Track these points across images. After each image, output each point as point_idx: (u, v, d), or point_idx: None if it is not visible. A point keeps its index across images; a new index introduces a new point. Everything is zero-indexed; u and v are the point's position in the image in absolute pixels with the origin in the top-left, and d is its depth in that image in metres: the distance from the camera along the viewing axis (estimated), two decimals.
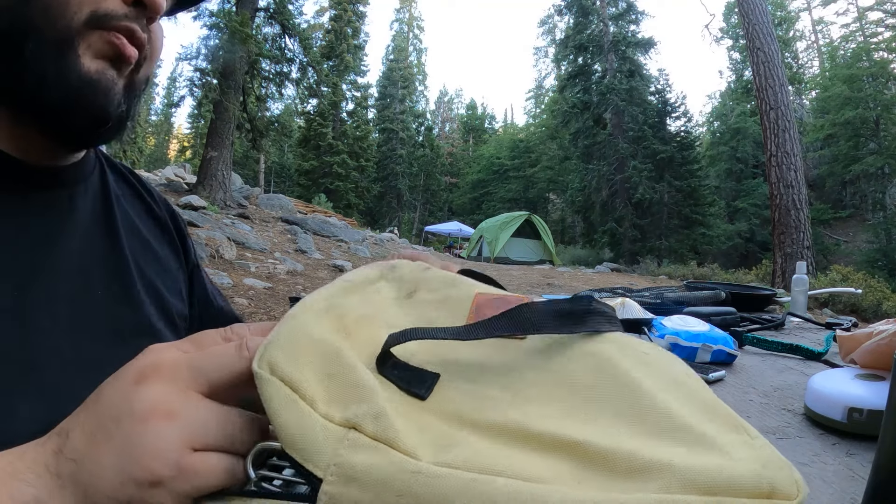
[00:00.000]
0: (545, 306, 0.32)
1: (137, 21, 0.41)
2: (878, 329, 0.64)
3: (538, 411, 0.27)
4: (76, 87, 0.38)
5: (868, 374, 0.61)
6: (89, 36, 0.39)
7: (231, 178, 9.61)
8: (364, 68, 26.18)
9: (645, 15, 19.75)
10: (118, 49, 0.40)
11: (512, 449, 0.24)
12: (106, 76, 0.40)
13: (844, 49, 18.68)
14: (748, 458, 0.23)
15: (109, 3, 0.39)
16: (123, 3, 0.40)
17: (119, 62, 0.41)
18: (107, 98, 0.40)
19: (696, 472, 0.21)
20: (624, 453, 0.23)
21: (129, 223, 0.51)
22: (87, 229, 0.46)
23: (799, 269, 1.38)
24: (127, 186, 0.55)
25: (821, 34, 22.45)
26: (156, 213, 0.56)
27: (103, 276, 0.46)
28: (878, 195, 16.55)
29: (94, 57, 0.39)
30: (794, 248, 7.66)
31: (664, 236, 17.13)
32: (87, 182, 0.48)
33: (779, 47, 8.82)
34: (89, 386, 0.27)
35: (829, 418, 0.57)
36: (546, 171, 25.34)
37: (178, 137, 30.37)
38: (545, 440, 0.25)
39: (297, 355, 0.25)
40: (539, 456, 0.24)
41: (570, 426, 0.25)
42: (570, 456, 0.24)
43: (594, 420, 0.26)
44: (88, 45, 0.39)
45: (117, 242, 0.48)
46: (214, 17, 8.33)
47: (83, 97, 0.39)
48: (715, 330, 0.86)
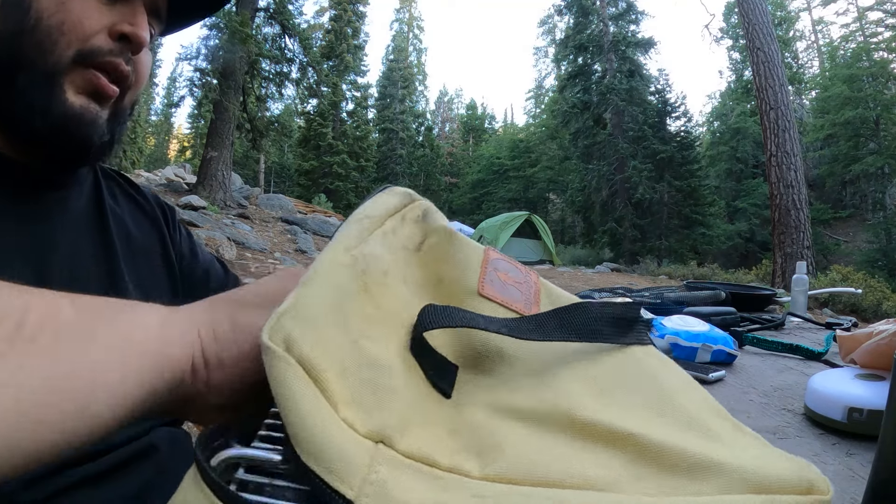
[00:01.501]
0: (602, 310, 0.29)
1: (122, 55, 0.44)
2: (878, 329, 0.64)
3: (578, 400, 0.24)
4: (61, 119, 0.42)
5: (868, 374, 0.61)
6: (74, 73, 0.42)
7: (231, 178, 9.60)
8: (364, 68, 26.16)
9: (645, 15, 19.74)
10: (98, 87, 0.43)
11: (557, 442, 0.22)
12: (89, 110, 0.43)
13: (844, 49, 18.67)
14: (778, 457, 0.23)
15: (96, 40, 0.42)
16: (109, 39, 0.43)
17: (100, 97, 0.44)
18: (90, 129, 0.43)
19: (746, 471, 0.21)
20: (677, 449, 0.22)
21: (119, 221, 0.53)
22: (80, 228, 0.49)
23: (799, 269, 1.38)
24: (118, 188, 0.58)
25: (821, 34, 22.45)
26: (146, 209, 0.59)
27: (94, 272, 0.48)
28: (878, 195, 16.55)
29: (77, 92, 0.42)
30: (794, 248, 7.65)
31: (664, 236, 17.13)
32: (82, 185, 0.51)
33: (779, 47, 8.82)
34: None
35: (829, 418, 0.57)
36: (546, 171, 25.32)
37: (178, 137, 30.37)
38: (595, 431, 0.23)
39: (318, 334, 0.21)
40: (590, 451, 0.22)
41: (615, 416, 0.24)
42: (622, 450, 0.22)
43: (633, 412, 0.24)
44: (72, 81, 0.42)
45: (108, 239, 0.50)
46: (214, 17, 8.32)
47: (67, 129, 0.42)
48: (715, 330, 0.86)
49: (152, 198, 0.61)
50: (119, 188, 0.57)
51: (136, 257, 0.53)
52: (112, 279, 0.49)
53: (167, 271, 0.57)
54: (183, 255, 0.60)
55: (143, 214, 0.58)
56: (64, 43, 0.41)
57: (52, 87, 0.41)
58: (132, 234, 0.54)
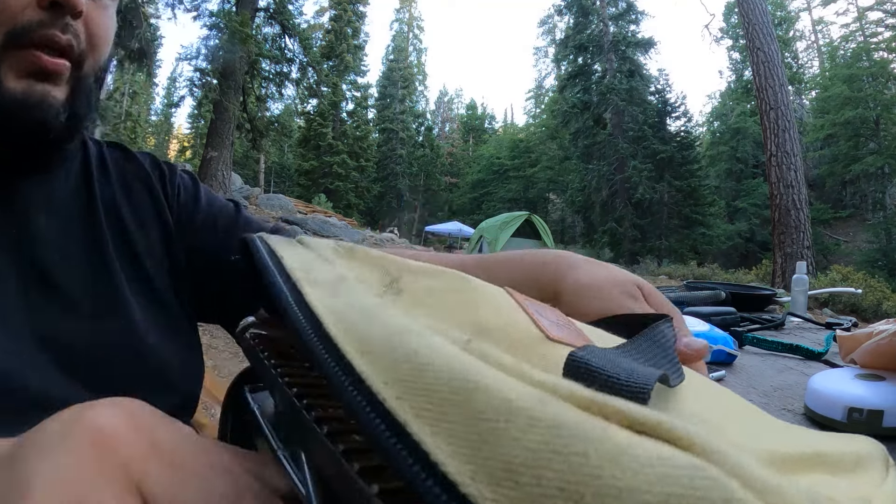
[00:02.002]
0: (664, 326, 0.27)
1: (57, 24, 0.40)
2: (878, 329, 0.64)
3: (738, 438, 0.23)
4: (8, 109, 0.39)
5: (868, 374, 0.61)
6: (9, 57, 0.38)
7: (231, 178, 9.61)
8: (364, 68, 26.18)
9: (645, 15, 19.76)
10: (38, 65, 0.39)
11: (789, 473, 0.21)
12: (33, 92, 0.40)
13: (844, 49, 18.68)
14: (849, 438, 0.26)
15: (24, 16, 0.38)
16: (39, 9, 0.39)
17: (44, 75, 0.40)
18: (40, 111, 0.40)
19: (868, 458, 0.23)
20: (839, 454, 0.23)
21: (109, 204, 0.50)
22: (66, 212, 0.46)
23: (799, 269, 1.38)
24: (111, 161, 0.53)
25: (821, 34, 22.46)
26: (140, 178, 0.54)
27: (81, 258, 0.45)
28: (878, 195, 16.56)
29: (17, 77, 0.39)
30: (794, 248, 7.66)
31: (664, 236, 17.15)
32: (70, 165, 0.48)
33: (779, 47, 8.82)
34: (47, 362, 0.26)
35: (829, 418, 0.57)
36: (546, 171, 25.33)
37: (178, 137, 30.38)
38: (794, 458, 0.22)
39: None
40: (807, 476, 0.21)
41: (776, 441, 0.24)
42: (822, 470, 0.22)
43: (776, 433, 0.26)
44: (10, 67, 0.39)
45: (97, 227, 0.47)
46: (214, 17, 8.33)
47: (15, 117, 0.39)
48: (715, 330, 0.86)
49: (149, 162, 0.56)
50: (113, 160, 0.53)
51: (128, 243, 0.49)
52: (103, 271, 0.46)
53: (164, 244, 0.52)
54: (181, 213, 0.55)
55: (138, 185, 0.53)
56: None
57: None
58: (124, 215, 0.50)
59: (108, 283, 0.46)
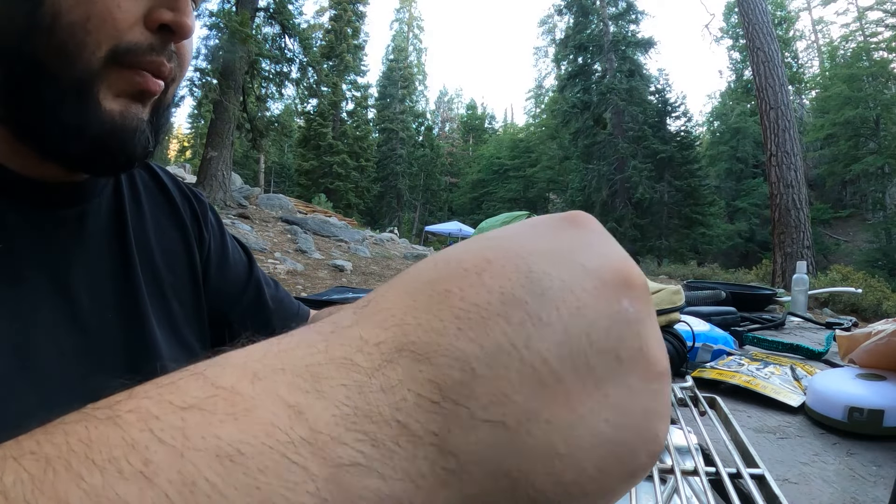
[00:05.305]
0: None
1: (164, 51, 0.36)
2: (878, 329, 0.64)
3: None
4: (99, 134, 0.35)
5: (868, 374, 0.61)
6: (109, 75, 0.34)
7: (231, 178, 9.61)
8: (364, 68, 26.16)
9: (645, 15, 19.76)
10: (142, 87, 0.36)
11: None
12: (130, 114, 0.36)
13: (844, 49, 18.69)
14: None
15: (131, 35, 0.34)
16: (147, 31, 0.35)
17: (143, 96, 0.37)
18: (133, 138, 0.36)
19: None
20: None
21: (143, 240, 0.47)
22: (99, 249, 0.42)
23: (799, 269, 1.38)
24: (142, 185, 0.50)
25: (821, 34, 22.45)
26: (173, 207, 0.51)
27: (113, 298, 0.42)
28: (878, 195, 16.56)
29: (115, 96, 0.35)
30: (794, 248, 7.66)
31: (664, 236, 17.15)
32: (101, 193, 0.43)
33: (779, 47, 8.82)
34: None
35: (829, 418, 0.57)
36: (546, 171, 25.33)
37: (178, 137, 30.34)
38: None
39: None
40: None
41: None
42: None
43: None
44: (109, 86, 0.35)
45: (129, 261, 0.44)
46: (214, 17, 8.32)
47: (108, 145, 0.35)
48: (715, 329, 0.86)
49: (178, 193, 0.52)
50: (143, 185, 0.49)
51: (158, 282, 0.47)
52: (136, 316, 0.43)
53: (192, 286, 0.51)
54: (208, 264, 0.53)
55: (170, 216, 0.51)
56: (92, 43, 0.33)
57: (84, 99, 0.34)
58: (154, 253, 0.47)
59: (140, 330, 0.43)
